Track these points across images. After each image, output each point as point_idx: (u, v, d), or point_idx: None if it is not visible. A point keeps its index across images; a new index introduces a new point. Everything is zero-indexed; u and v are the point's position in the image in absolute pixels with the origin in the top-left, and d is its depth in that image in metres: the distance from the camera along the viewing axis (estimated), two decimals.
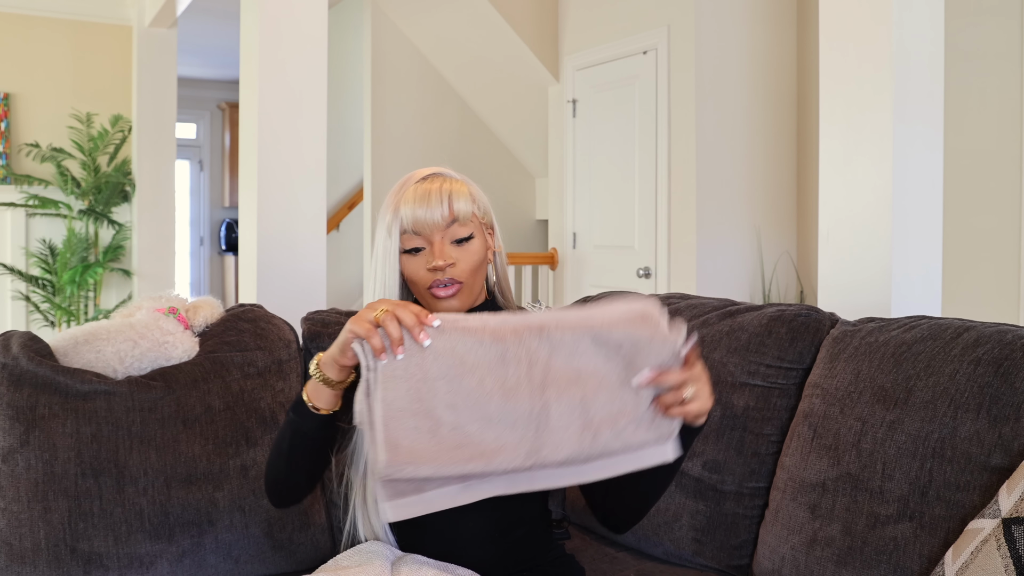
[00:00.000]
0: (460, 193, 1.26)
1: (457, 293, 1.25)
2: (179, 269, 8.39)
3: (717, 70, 4.11)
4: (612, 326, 1.08)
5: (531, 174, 5.81)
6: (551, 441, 1.06)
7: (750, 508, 1.56)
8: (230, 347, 1.74)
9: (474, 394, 1.06)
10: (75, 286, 5.17)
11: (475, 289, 1.29)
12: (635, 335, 1.08)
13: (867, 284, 2.08)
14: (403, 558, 1.24)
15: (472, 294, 1.28)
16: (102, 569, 1.48)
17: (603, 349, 1.08)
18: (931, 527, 1.26)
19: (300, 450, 1.22)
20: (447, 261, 1.23)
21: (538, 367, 1.07)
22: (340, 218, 6.85)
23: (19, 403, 1.53)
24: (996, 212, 3.48)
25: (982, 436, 1.25)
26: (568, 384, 1.08)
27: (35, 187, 5.27)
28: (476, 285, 1.29)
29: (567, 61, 4.90)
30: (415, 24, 5.35)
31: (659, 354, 1.08)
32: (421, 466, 1.05)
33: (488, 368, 1.07)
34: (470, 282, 1.27)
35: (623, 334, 1.08)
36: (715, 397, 1.32)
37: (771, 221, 4.26)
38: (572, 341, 1.08)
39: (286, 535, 1.63)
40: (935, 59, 2.11)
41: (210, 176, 8.93)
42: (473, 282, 1.27)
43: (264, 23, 2.78)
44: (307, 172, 2.84)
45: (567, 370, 1.08)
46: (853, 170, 2.12)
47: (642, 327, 1.08)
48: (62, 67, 5.42)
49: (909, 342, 1.41)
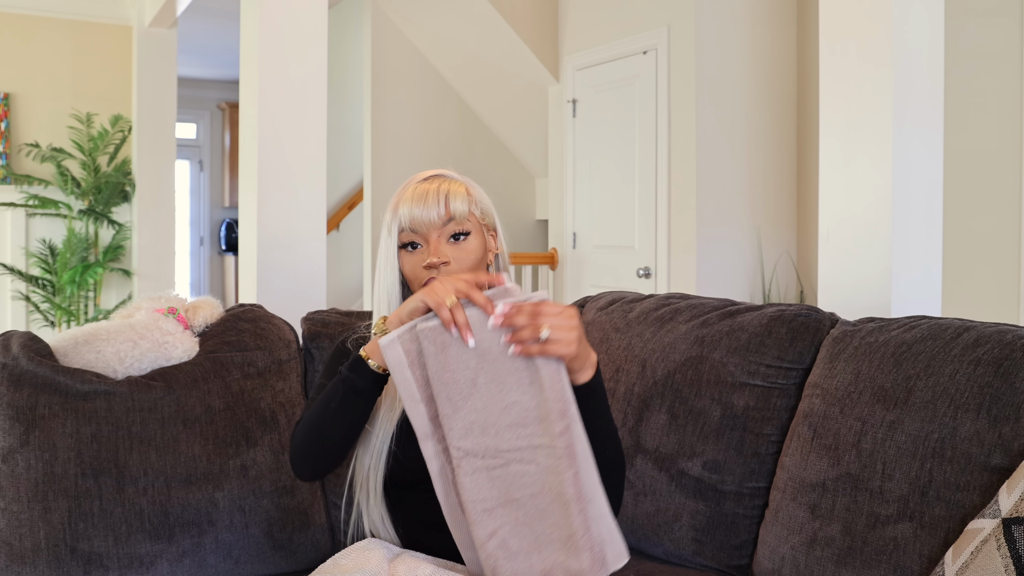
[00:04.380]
0: (457, 193, 1.28)
1: None
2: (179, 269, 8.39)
3: (717, 70, 4.11)
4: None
5: (531, 174, 5.81)
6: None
7: (750, 508, 1.56)
8: (230, 347, 1.75)
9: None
10: (75, 286, 5.17)
11: None
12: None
13: (867, 284, 2.08)
14: (401, 555, 1.24)
15: None
16: (102, 569, 1.48)
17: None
18: (931, 527, 1.26)
19: (350, 408, 1.20)
20: (442, 259, 1.25)
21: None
22: (340, 218, 6.85)
23: (19, 403, 1.53)
24: (996, 212, 3.47)
25: (982, 436, 1.25)
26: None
27: (35, 187, 5.27)
28: None
29: (567, 61, 4.90)
30: (415, 24, 5.35)
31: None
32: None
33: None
34: None
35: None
36: (598, 355, 1.28)
37: (771, 221, 4.26)
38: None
39: (286, 535, 1.63)
40: (935, 59, 2.11)
41: (210, 176, 8.93)
42: None
43: (264, 23, 2.78)
44: (307, 172, 2.84)
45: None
46: (853, 170, 2.12)
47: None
48: (62, 67, 5.42)
49: (909, 342, 1.41)
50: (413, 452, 1.24)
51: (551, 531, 1.09)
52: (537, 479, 1.09)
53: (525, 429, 1.09)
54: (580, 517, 1.07)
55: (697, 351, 1.67)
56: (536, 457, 1.09)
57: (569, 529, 1.08)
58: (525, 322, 1.06)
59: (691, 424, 1.63)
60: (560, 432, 1.08)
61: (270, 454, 1.66)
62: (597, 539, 1.08)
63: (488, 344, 1.09)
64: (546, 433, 1.08)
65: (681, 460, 1.63)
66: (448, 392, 1.10)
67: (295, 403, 1.74)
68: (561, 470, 1.08)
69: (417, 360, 1.11)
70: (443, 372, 1.10)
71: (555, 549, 1.08)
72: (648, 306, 1.85)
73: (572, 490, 1.07)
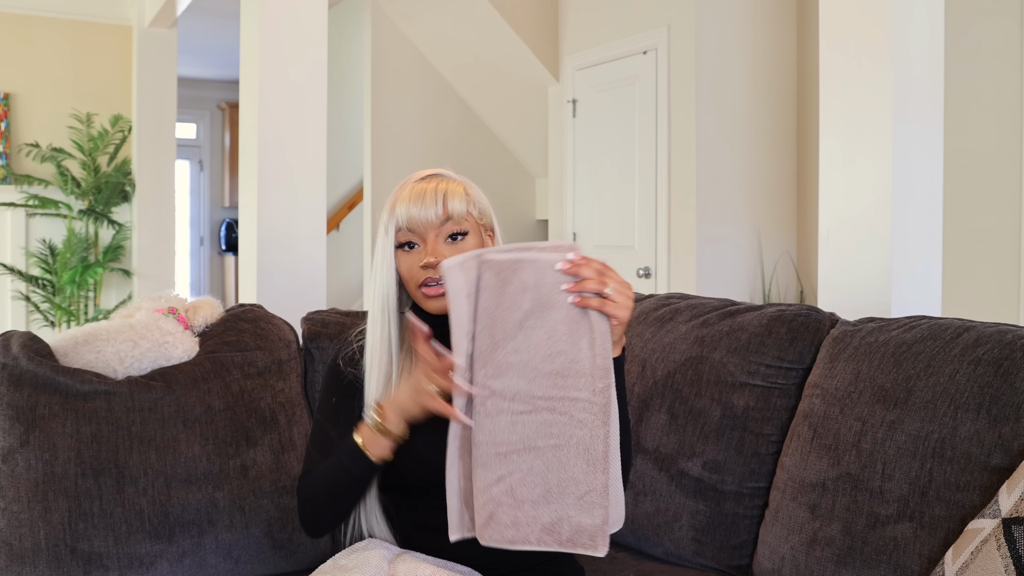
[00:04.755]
0: (455, 192, 1.27)
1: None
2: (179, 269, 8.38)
3: (717, 70, 4.11)
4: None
5: (531, 174, 5.81)
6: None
7: (750, 508, 1.56)
8: (230, 347, 1.74)
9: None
10: (75, 286, 5.17)
11: None
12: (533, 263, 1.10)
13: (867, 284, 2.08)
14: (401, 555, 1.24)
15: None
16: (102, 569, 1.48)
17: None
18: (931, 527, 1.26)
19: (356, 490, 1.26)
20: (439, 258, 1.24)
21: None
22: (340, 218, 6.85)
23: (19, 403, 1.53)
24: (996, 212, 3.47)
25: (982, 436, 1.25)
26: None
27: (35, 187, 5.27)
28: None
29: (567, 61, 4.90)
30: (415, 24, 5.35)
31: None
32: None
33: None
34: None
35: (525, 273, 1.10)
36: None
37: (771, 221, 4.26)
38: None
39: (286, 535, 1.63)
40: (935, 59, 2.11)
41: (210, 176, 8.93)
42: None
43: (264, 23, 2.78)
44: (307, 172, 2.84)
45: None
46: (853, 170, 2.12)
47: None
48: (62, 67, 5.42)
49: (909, 342, 1.41)
50: (410, 456, 1.25)
51: (567, 485, 1.09)
52: (565, 431, 1.09)
53: (565, 380, 1.08)
54: (603, 476, 1.08)
55: (697, 351, 1.67)
56: (570, 409, 1.08)
57: (589, 485, 1.08)
58: (591, 275, 1.08)
59: (691, 424, 1.63)
60: (601, 389, 1.08)
61: (270, 454, 1.66)
62: (612, 500, 1.10)
63: (547, 291, 1.09)
64: (587, 388, 1.08)
65: (681, 460, 1.63)
66: (492, 328, 1.10)
67: (295, 403, 1.74)
68: (595, 426, 1.08)
69: (473, 291, 1.11)
70: (495, 308, 1.09)
71: (567, 503, 1.09)
72: (648, 306, 1.85)
73: (601, 448, 1.08)
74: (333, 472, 1.25)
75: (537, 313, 1.09)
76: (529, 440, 1.10)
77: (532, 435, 1.09)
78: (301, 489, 1.32)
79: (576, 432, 1.08)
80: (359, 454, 1.21)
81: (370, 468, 1.22)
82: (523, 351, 1.09)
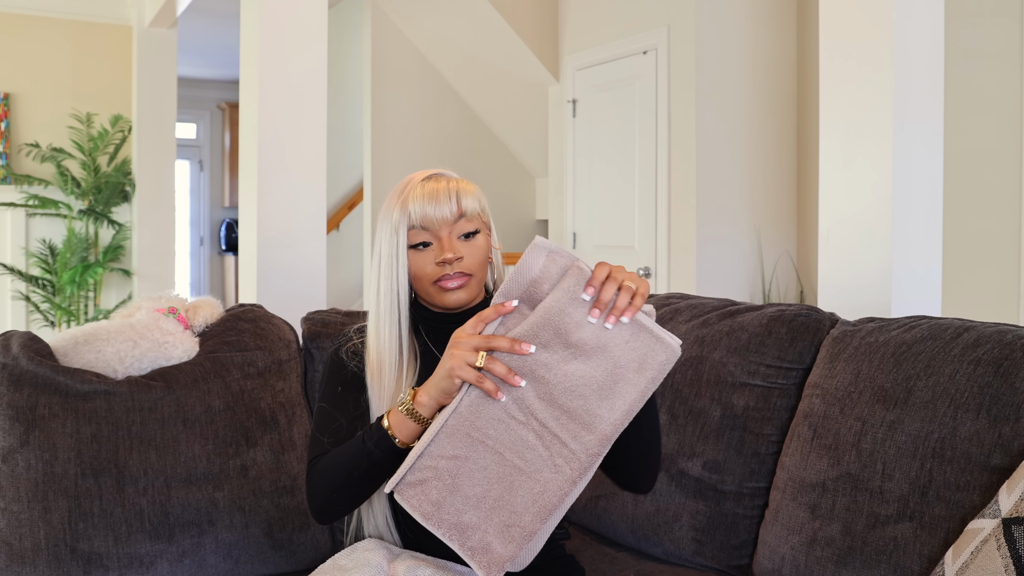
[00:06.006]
0: (467, 191, 1.29)
1: (465, 285, 1.28)
2: (179, 269, 8.39)
3: (717, 70, 4.11)
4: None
5: (531, 174, 5.81)
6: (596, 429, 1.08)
7: (750, 508, 1.56)
8: (230, 347, 1.74)
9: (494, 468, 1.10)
10: (75, 286, 5.17)
11: (481, 283, 1.33)
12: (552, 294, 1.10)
13: (867, 284, 2.08)
14: (401, 555, 1.24)
15: (478, 287, 1.32)
16: (102, 569, 1.48)
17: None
18: (931, 527, 1.26)
19: (375, 476, 1.23)
20: (456, 254, 1.26)
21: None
22: (340, 218, 6.85)
23: (19, 403, 1.53)
24: (996, 212, 3.48)
25: (982, 436, 1.25)
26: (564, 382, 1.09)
27: (35, 187, 5.27)
28: (482, 279, 1.32)
29: (567, 61, 4.90)
30: (415, 24, 5.35)
31: (576, 287, 1.09)
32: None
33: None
34: (479, 275, 1.30)
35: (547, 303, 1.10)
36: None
37: (771, 221, 4.26)
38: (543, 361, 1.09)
39: (286, 535, 1.63)
40: (935, 59, 2.11)
41: (210, 176, 8.93)
42: (480, 276, 1.31)
43: (264, 23, 2.78)
44: (307, 172, 2.84)
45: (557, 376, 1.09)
46: (853, 170, 2.12)
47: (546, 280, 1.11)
48: (62, 67, 5.42)
49: (909, 342, 1.41)
50: None
51: (503, 506, 1.07)
52: (537, 464, 1.07)
53: (571, 423, 1.07)
54: (539, 523, 1.06)
55: (697, 351, 1.67)
56: (555, 449, 1.07)
57: (521, 521, 1.06)
58: (613, 293, 1.09)
59: (691, 424, 1.63)
60: (593, 453, 1.07)
61: (270, 454, 1.66)
62: (526, 548, 1.07)
63: (611, 336, 1.08)
64: (583, 443, 1.07)
65: (681, 460, 1.63)
66: (543, 329, 1.09)
67: (295, 403, 1.74)
68: (565, 479, 1.06)
69: (552, 281, 1.11)
70: (559, 314, 1.09)
71: (492, 521, 1.07)
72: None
73: (555, 500, 1.06)
74: (353, 456, 1.22)
75: (590, 350, 1.08)
76: (502, 445, 1.08)
77: (508, 443, 1.08)
78: (313, 474, 1.28)
79: (545, 472, 1.07)
80: (385, 438, 1.19)
81: (394, 453, 1.19)
82: (554, 370, 1.08)
